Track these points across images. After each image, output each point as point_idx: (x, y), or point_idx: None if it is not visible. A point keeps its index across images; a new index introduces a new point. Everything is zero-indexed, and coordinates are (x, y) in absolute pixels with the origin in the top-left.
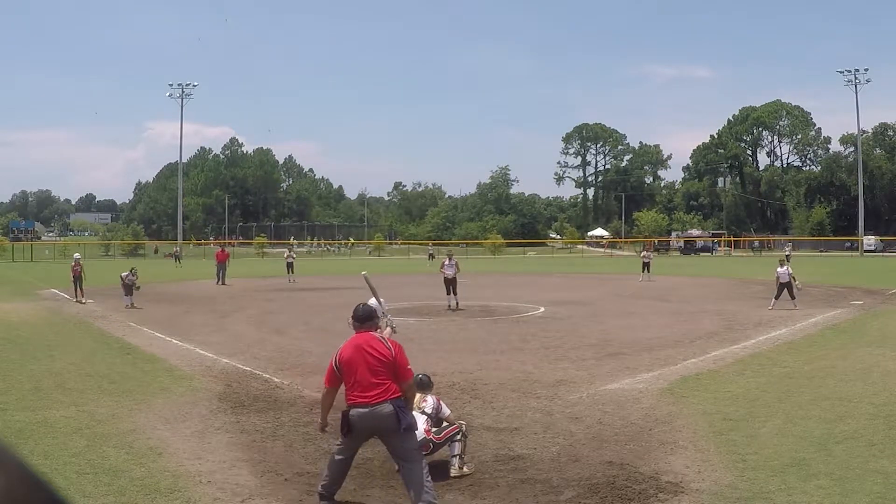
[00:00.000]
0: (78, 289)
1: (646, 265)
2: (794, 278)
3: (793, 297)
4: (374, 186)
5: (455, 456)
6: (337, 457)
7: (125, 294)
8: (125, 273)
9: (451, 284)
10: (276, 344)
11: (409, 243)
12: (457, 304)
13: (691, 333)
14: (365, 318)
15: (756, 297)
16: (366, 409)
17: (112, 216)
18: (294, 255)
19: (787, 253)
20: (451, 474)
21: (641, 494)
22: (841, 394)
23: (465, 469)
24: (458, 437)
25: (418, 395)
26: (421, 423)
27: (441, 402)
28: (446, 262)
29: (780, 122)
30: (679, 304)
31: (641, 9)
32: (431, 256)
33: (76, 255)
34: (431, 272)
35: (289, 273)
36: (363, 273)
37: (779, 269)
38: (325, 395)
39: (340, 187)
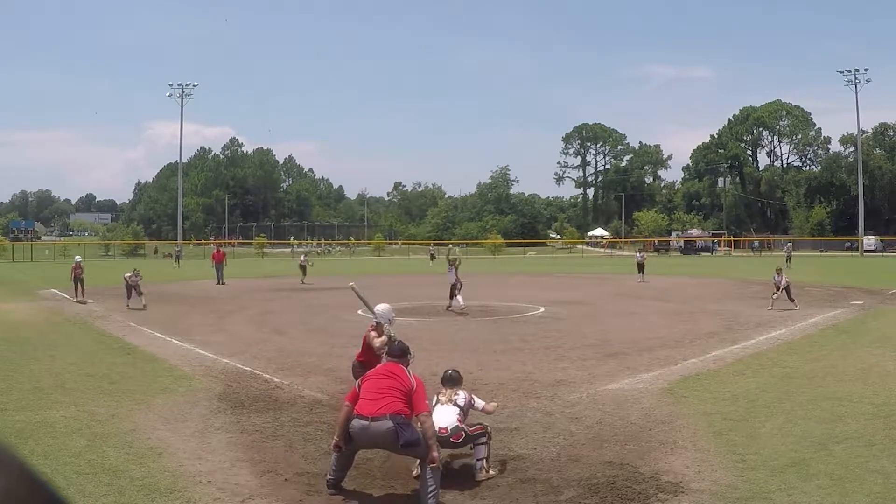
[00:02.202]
0: (79, 288)
1: (640, 266)
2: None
3: (791, 300)
4: (374, 186)
5: (480, 459)
6: (333, 456)
7: (127, 296)
8: (128, 274)
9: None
10: (276, 344)
11: (409, 243)
12: (450, 305)
13: (691, 333)
14: (399, 355)
15: (756, 297)
16: (365, 422)
17: (112, 216)
18: (308, 261)
19: (786, 253)
20: (478, 478)
21: (641, 494)
22: (841, 394)
23: (491, 472)
24: (484, 439)
25: (450, 390)
26: (454, 413)
27: (474, 395)
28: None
29: (780, 122)
30: (679, 304)
31: (641, 9)
32: (433, 257)
33: (77, 257)
34: (430, 272)
35: (303, 275)
36: (350, 284)
37: (776, 278)
38: (344, 409)
39: (340, 187)
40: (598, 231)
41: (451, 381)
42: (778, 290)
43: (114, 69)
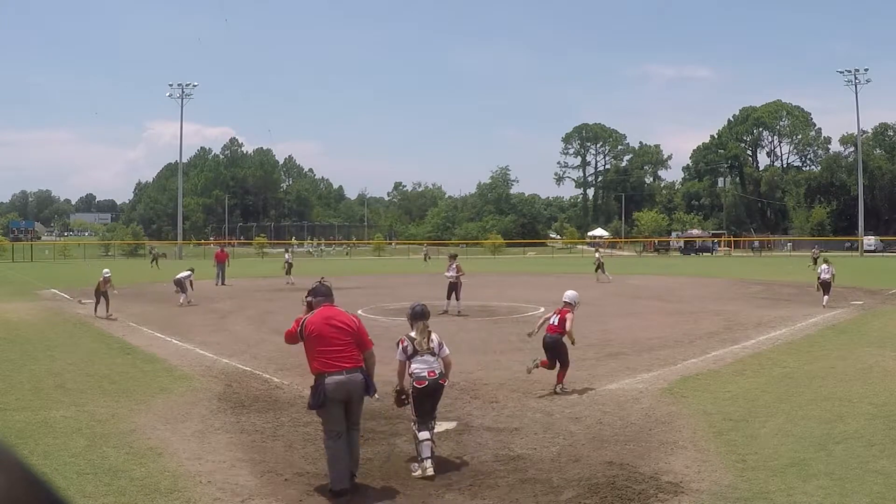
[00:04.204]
0: (102, 302)
1: (599, 266)
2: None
3: (826, 294)
4: (374, 186)
5: (427, 458)
6: (333, 445)
7: (182, 291)
8: (184, 274)
9: (452, 289)
10: (276, 344)
11: (409, 243)
12: (447, 309)
13: (691, 333)
14: (328, 294)
15: (756, 297)
16: (342, 376)
17: (112, 216)
18: (291, 261)
19: (813, 255)
20: (425, 472)
21: (641, 494)
22: (841, 394)
23: (429, 471)
24: (431, 433)
25: (421, 327)
26: (436, 360)
27: (441, 340)
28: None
29: (780, 122)
30: (679, 304)
31: (641, 9)
32: (427, 257)
33: (106, 271)
34: (425, 272)
35: (287, 275)
36: None
37: (821, 267)
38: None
39: (340, 187)
40: (599, 231)
41: (422, 315)
42: (819, 280)
43: (114, 69)
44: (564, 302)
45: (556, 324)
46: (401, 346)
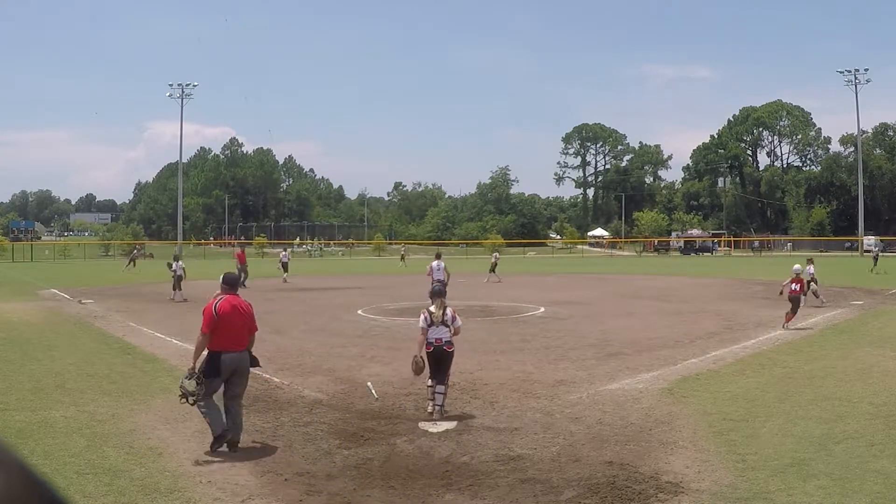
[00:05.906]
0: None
1: (493, 267)
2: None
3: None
4: (374, 186)
5: (440, 405)
6: (207, 403)
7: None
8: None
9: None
10: (276, 344)
11: (409, 243)
12: None
13: (691, 333)
14: (235, 283)
15: (756, 297)
16: (237, 354)
17: (112, 216)
18: (287, 259)
19: (874, 253)
20: (429, 411)
21: (641, 494)
22: (841, 394)
23: (429, 409)
24: (442, 389)
25: (439, 303)
26: (447, 330)
27: (455, 313)
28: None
29: (781, 123)
30: (679, 304)
31: (641, 9)
32: (403, 257)
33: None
34: (406, 273)
35: (283, 272)
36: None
37: (808, 269)
38: (203, 340)
39: (340, 187)
40: (599, 231)
41: (440, 293)
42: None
43: (114, 69)
44: (796, 273)
45: (797, 288)
46: (422, 316)
